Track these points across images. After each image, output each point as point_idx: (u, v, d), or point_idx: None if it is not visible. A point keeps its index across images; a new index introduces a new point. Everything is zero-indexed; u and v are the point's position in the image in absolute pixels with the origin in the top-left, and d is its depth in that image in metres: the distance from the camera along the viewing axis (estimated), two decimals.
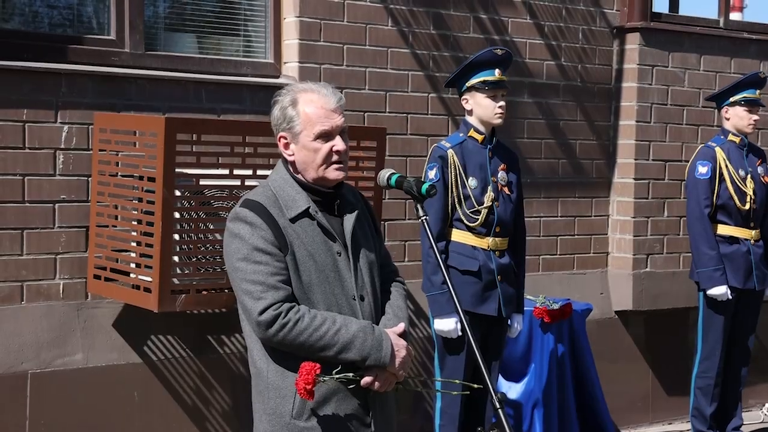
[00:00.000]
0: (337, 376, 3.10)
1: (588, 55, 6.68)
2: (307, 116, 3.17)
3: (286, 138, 3.22)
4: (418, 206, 3.31)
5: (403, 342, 3.23)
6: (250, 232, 3.12)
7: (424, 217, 3.30)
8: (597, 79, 6.74)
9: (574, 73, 6.63)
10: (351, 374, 3.12)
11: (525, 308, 5.45)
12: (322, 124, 3.17)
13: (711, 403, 6.11)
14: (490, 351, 5.03)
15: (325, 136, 3.18)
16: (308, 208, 3.19)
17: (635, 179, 6.76)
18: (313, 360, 3.07)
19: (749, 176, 6.07)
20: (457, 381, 4.48)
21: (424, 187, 3.28)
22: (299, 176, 3.24)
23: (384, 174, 3.40)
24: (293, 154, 3.22)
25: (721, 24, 7.26)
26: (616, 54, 6.79)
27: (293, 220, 3.17)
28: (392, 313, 3.32)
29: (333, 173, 3.21)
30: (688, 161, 6.31)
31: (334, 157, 3.19)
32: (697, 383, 6.14)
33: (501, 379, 5.85)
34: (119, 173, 4.84)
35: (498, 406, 3.08)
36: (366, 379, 3.15)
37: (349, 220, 3.26)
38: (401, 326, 3.27)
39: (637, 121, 6.74)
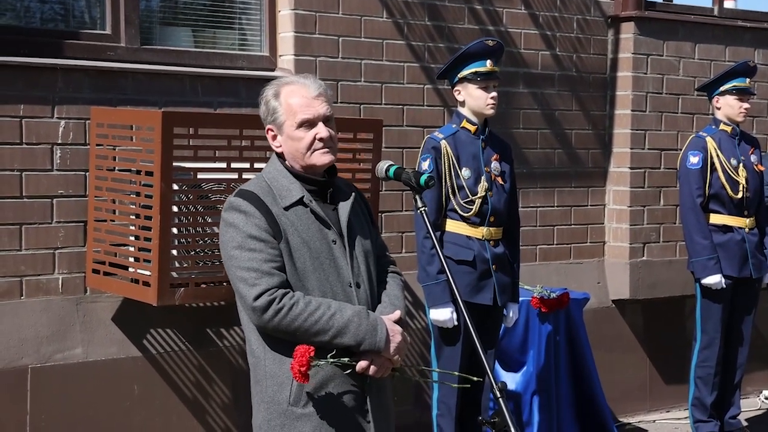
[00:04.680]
0: (332, 360, 3.12)
1: (583, 44, 6.69)
2: (289, 106, 3.23)
3: (272, 130, 3.29)
4: (417, 197, 3.33)
5: (398, 328, 3.24)
6: (244, 221, 3.16)
7: (423, 209, 3.32)
8: (592, 69, 6.75)
9: (569, 62, 6.64)
10: (346, 359, 3.14)
11: (522, 298, 5.47)
12: (304, 112, 3.21)
13: (711, 392, 6.13)
14: (485, 340, 5.04)
15: (308, 124, 3.22)
16: (302, 197, 3.22)
17: (631, 168, 6.78)
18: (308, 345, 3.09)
19: (741, 165, 6.08)
20: (456, 373, 4.49)
21: (423, 178, 3.30)
22: (291, 166, 3.28)
23: (382, 166, 3.42)
24: (280, 146, 3.28)
25: (716, 12, 7.27)
26: (611, 43, 6.80)
27: (287, 208, 3.20)
28: (388, 301, 3.34)
29: (320, 158, 3.24)
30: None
31: (318, 144, 3.23)
32: (697, 373, 6.16)
33: (500, 369, 5.87)
34: (117, 168, 4.85)
35: (498, 395, 3.10)
36: (361, 364, 3.17)
37: (344, 208, 3.30)
38: (397, 313, 3.29)
39: (632, 111, 6.75)
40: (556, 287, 6.09)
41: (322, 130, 3.22)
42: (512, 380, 5.85)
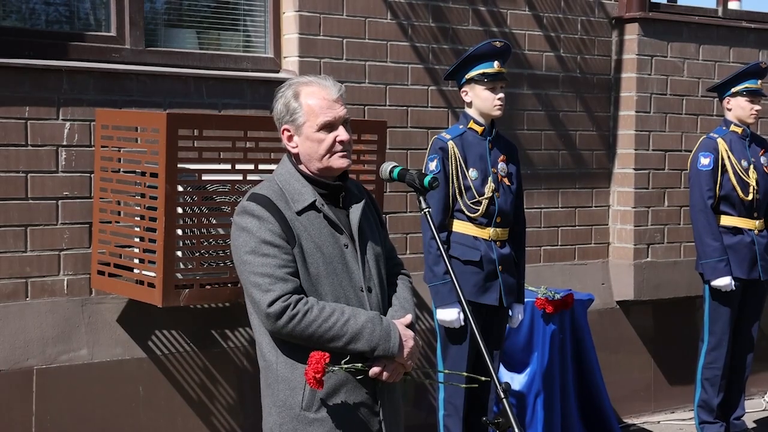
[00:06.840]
0: (346, 366, 3.12)
1: (587, 46, 6.69)
2: (310, 108, 3.20)
3: (289, 130, 3.25)
4: (421, 198, 3.33)
5: (410, 332, 3.25)
6: (258, 225, 3.15)
7: (427, 209, 3.32)
8: (596, 70, 6.75)
9: (573, 64, 6.64)
10: (360, 365, 3.15)
11: (527, 299, 5.48)
12: (325, 115, 3.20)
13: (718, 394, 6.12)
14: (490, 341, 5.05)
15: (328, 126, 3.21)
16: (314, 201, 3.22)
17: (635, 169, 6.77)
18: (322, 351, 3.09)
19: (752, 167, 6.08)
20: (464, 374, 4.49)
21: (427, 179, 3.30)
22: (304, 169, 3.26)
23: (386, 167, 3.42)
24: (297, 146, 3.25)
25: (720, 13, 7.26)
26: (615, 44, 6.80)
27: (300, 213, 3.19)
28: (399, 304, 3.34)
29: (338, 162, 3.23)
30: (688, 151, 6.32)
31: (338, 147, 3.22)
32: (705, 374, 6.14)
33: (503, 369, 5.88)
34: (121, 169, 4.86)
35: (503, 395, 3.10)
36: (374, 370, 3.17)
37: (355, 212, 3.29)
38: (408, 317, 3.30)
39: (636, 112, 6.75)
40: (560, 288, 6.09)
41: (342, 133, 3.22)
42: (516, 381, 5.85)
